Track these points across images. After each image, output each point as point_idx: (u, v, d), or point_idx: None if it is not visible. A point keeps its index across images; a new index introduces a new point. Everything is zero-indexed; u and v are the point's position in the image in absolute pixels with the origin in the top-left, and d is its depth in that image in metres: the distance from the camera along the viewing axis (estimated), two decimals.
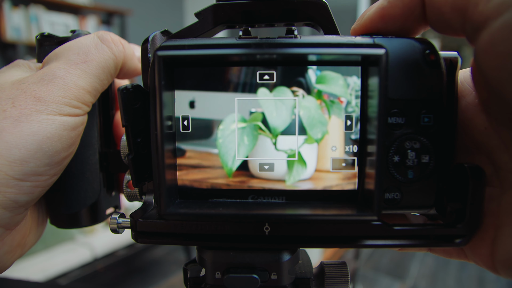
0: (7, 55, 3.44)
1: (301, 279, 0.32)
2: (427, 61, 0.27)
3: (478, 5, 0.22)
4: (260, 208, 0.28)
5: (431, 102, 0.27)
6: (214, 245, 0.30)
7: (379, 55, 0.25)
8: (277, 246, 0.30)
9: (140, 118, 0.29)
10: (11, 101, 0.30)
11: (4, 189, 0.29)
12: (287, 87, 0.29)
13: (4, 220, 0.30)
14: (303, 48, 0.27)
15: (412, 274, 3.27)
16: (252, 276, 0.29)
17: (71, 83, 0.32)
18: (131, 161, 0.29)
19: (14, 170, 0.29)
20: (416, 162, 0.27)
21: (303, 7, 0.31)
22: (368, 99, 0.27)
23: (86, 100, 0.33)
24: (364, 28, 0.29)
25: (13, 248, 0.33)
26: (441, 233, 0.28)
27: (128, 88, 0.28)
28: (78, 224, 0.40)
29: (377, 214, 0.26)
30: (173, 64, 0.29)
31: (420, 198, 0.28)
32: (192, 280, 0.32)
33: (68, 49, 0.34)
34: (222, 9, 0.32)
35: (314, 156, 0.29)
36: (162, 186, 0.27)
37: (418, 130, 0.27)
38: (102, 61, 0.34)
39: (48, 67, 0.33)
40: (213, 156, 0.30)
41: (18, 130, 0.29)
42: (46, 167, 0.31)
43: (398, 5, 0.27)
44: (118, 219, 0.32)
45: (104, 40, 0.35)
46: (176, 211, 0.27)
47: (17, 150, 0.29)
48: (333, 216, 0.27)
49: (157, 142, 0.27)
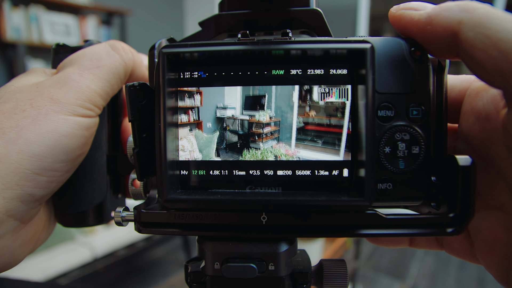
0: (7, 55, 3.44)
1: (299, 273, 0.33)
2: (414, 58, 0.28)
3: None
4: (257, 197, 0.29)
5: (419, 95, 0.28)
6: (213, 235, 0.31)
7: (365, 48, 0.27)
8: (274, 235, 0.31)
9: (146, 115, 0.31)
10: (30, 102, 0.33)
11: (23, 183, 0.31)
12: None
13: (20, 214, 0.32)
14: (294, 44, 0.28)
15: (412, 274, 3.27)
16: (249, 265, 0.30)
17: (84, 86, 0.34)
18: (136, 154, 0.30)
19: (33, 165, 0.31)
20: (407, 153, 0.28)
21: (299, 16, 0.33)
22: (358, 92, 0.29)
23: (97, 102, 0.36)
24: (396, 20, 0.29)
25: (27, 241, 0.35)
26: (433, 222, 0.29)
27: (135, 86, 0.30)
28: (84, 223, 0.41)
29: (368, 199, 0.27)
30: (177, 62, 0.30)
31: (412, 189, 0.29)
32: (193, 274, 0.33)
33: (82, 56, 0.36)
34: (224, 18, 0.34)
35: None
36: (163, 172, 0.28)
37: (407, 122, 0.28)
38: (113, 67, 0.37)
39: (63, 71, 0.35)
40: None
41: (37, 128, 0.32)
42: (61, 163, 0.33)
43: (431, 31, 0.26)
44: (122, 212, 0.34)
45: (115, 48, 0.38)
46: (177, 197, 0.29)
47: (36, 146, 0.31)
48: (325, 201, 0.28)
49: (160, 131, 0.28)
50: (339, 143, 0.30)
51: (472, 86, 0.31)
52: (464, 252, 0.33)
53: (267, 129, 0.31)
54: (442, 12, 0.25)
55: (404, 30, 0.29)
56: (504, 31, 0.22)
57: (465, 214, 0.27)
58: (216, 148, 0.31)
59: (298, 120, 0.30)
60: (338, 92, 0.29)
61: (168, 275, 3.22)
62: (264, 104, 0.30)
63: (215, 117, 0.31)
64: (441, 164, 0.29)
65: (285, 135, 0.30)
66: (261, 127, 0.31)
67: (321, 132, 0.30)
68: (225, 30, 0.34)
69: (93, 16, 3.95)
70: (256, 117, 0.31)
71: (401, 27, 0.29)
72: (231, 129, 0.31)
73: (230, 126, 0.31)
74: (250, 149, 0.31)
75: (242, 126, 0.31)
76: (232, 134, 0.31)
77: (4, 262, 0.33)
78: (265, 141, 0.30)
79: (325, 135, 0.30)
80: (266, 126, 0.31)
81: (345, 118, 0.30)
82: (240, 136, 0.31)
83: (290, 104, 0.30)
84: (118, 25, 4.20)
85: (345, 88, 0.29)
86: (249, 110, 0.31)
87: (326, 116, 0.30)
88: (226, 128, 0.31)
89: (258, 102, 0.30)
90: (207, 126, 0.31)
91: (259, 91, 0.30)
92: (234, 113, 0.31)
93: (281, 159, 0.30)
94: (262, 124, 0.31)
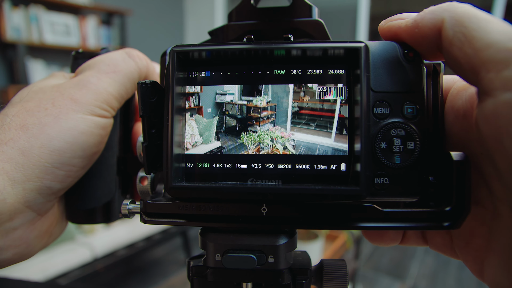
0: (7, 55, 3.45)
1: (299, 269, 0.34)
2: (407, 59, 0.30)
3: (489, 71, 0.23)
4: (257, 187, 0.30)
5: (414, 94, 0.30)
6: (216, 226, 0.32)
7: (359, 47, 0.29)
8: (274, 226, 0.32)
9: (156, 112, 0.32)
10: (51, 101, 0.35)
11: (42, 175, 0.33)
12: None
13: (37, 205, 0.34)
14: (294, 44, 0.30)
15: (412, 274, 3.27)
16: (249, 256, 0.31)
17: (102, 89, 0.37)
18: (145, 148, 0.32)
19: (53, 159, 0.34)
20: (402, 148, 0.29)
21: (302, 26, 0.36)
22: (354, 89, 0.30)
23: (113, 104, 0.38)
24: (385, 31, 0.31)
25: (41, 234, 0.37)
26: (429, 216, 0.29)
27: (146, 83, 0.32)
28: (92, 220, 0.42)
29: (363, 189, 0.28)
30: (186, 62, 0.32)
31: (408, 184, 0.29)
32: (194, 268, 0.34)
33: (100, 61, 0.39)
34: (231, 28, 0.38)
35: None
36: (169, 162, 0.30)
37: (402, 119, 0.29)
38: (128, 72, 0.39)
39: (82, 74, 0.38)
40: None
41: (58, 125, 0.34)
42: (78, 159, 0.36)
43: (418, 34, 0.28)
44: (129, 205, 0.35)
45: (131, 55, 0.41)
46: (180, 184, 0.30)
47: (57, 142, 0.34)
48: (321, 189, 0.29)
49: (168, 124, 0.30)
50: (331, 126, 0.31)
51: (455, 85, 0.32)
52: (445, 247, 0.33)
53: (264, 113, 0.32)
54: (426, 15, 0.27)
55: (395, 37, 0.30)
56: (478, 29, 0.24)
57: (461, 208, 0.28)
58: (216, 131, 0.32)
59: (293, 105, 0.31)
60: (336, 91, 0.31)
61: (168, 275, 3.21)
62: (261, 90, 0.32)
63: (215, 103, 0.32)
64: (438, 163, 0.30)
65: (280, 119, 0.32)
66: (258, 112, 0.32)
67: (314, 116, 0.31)
68: (233, 39, 0.38)
69: (93, 16, 3.96)
70: (253, 102, 0.32)
71: (392, 35, 0.30)
72: (230, 113, 0.32)
73: (229, 110, 0.32)
74: (247, 132, 0.32)
75: (241, 111, 0.32)
76: (231, 118, 0.32)
77: (20, 252, 0.35)
78: (262, 125, 0.32)
79: (318, 118, 0.31)
80: (263, 111, 0.32)
81: (337, 104, 0.31)
82: (238, 120, 0.32)
83: (285, 90, 0.31)
84: (118, 25, 4.21)
85: (342, 87, 0.31)
86: (247, 96, 0.32)
87: (320, 101, 0.31)
88: (225, 113, 0.32)
89: (256, 89, 0.32)
90: (207, 111, 0.32)
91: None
92: (233, 99, 0.32)
93: (281, 154, 0.31)
94: (259, 108, 0.32)
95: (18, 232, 0.34)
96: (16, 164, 0.32)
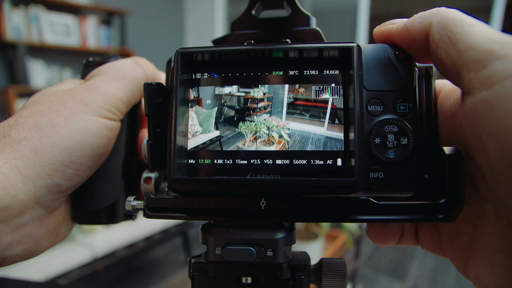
0: (7, 55, 3.45)
1: (297, 265, 0.34)
2: (399, 59, 0.31)
3: (470, 72, 0.24)
4: (256, 180, 0.32)
5: (406, 93, 0.31)
6: (217, 219, 0.34)
7: (351, 46, 0.31)
8: (272, 220, 0.33)
9: (160, 112, 0.34)
10: (63, 103, 0.37)
11: (52, 173, 0.35)
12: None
13: (46, 202, 0.36)
14: (291, 45, 0.32)
15: (412, 274, 3.27)
16: (248, 249, 0.32)
17: (110, 93, 0.39)
18: (150, 146, 0.34)
19: (63, 157, 0.35)
20: (396, 143, 0.30)
21: (301, 35, 0.38)
22: (348, 88, 0.32)
23: (121, 108, 0.40)
24: (378, 35, 0.33)
25: (49, 231, 0.38)
26: (424, 208, 0.30)
27: (152, 84, 0.34)
28: (97, 221, 0.44)
29: (357, 179, 0.29)
30: (190, 63, 0.34)
31: (402, 178, 0.30)
32: (195, 265, 0.35)
33: (109, 68, 0.42)
34: (234, 37, 0.40)
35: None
36: (172, 156, 0.31)
37: (395, 116, 0.31)
38: (136, 79, 0.42)
39: (93, 79, 0.41)
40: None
41: (68, 125, 0.36)
42: (87, 158, 0.37)
43: (408, 37, 0.30)
44: (133, 202, 0.37)
45: (138, 63, 0.43)
46: (182, 177, 0.32)
47: (68, 141, 0.35)
48: (317, 181, 0.30)
49: (171, 121, 0.31)
50: (324, 116, 0.32)
51: (445, 88, 0.33)
52: (434, 246, 0.34)
53: (261, 104, 0.33)
54: (415, 19, 0.29)
55: (387, 40, 0.32)
56: (462, 32, 0.25)
57: (455, 201, 0.29)
58: (215, 121, 0.34)
59: (288, 96, 0.33)
60: (331, 90, 0.32)
61: (168, 275, 3.21)
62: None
63: (214, 94, 0.34)
64: (433, 159, 0.31)
65: (276, 109, 0.33)
66: (255, 102, 0.33)
67: (308, 106, 0.33)
68: None
69: (93, 16, 3.96)
70: (251, 93, 0.33)
71: (384, 39, 0.32)
72: (229, 104, 0.34)
73: (227, 102, 0.34)
74: (245, 122, 0.33)
75: (239, 102, 0.34)
76: (229, 109, 0.34)
77: (28, 248, 0.36)
78: (259, 115, 0.33)
79: (312, 109, 0.32)
80: (260, 102, 0.33)
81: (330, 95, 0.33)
82: (236, 111, 0.34)
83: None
84: (118, 25, 4.21)
85: (337, 87, 0.32)
86: (245, 88, 0.34)
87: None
88: (224, 104, 0.34)
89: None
90: (207, 103, 0.34)
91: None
92: (231, 91, 0.34)
93: (280, 150, 0.32)
94: (257, 99, 0.33)
95: (27, 228, 0.35)
96: (28, 161, 0.34)
